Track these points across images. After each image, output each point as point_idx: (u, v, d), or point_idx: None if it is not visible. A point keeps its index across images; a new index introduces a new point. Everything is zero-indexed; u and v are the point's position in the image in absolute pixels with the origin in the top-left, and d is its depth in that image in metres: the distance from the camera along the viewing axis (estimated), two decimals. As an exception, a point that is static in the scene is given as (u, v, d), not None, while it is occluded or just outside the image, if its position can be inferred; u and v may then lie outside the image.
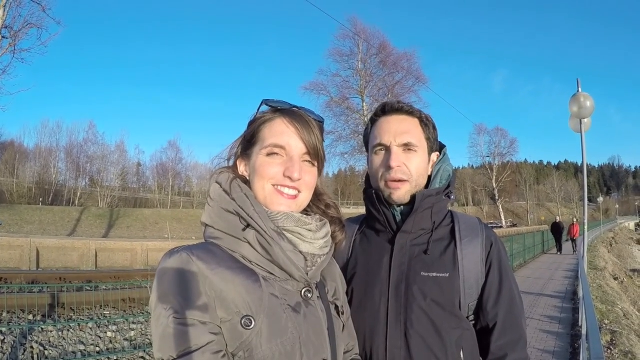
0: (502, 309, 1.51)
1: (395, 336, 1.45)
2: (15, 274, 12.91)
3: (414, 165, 1.54)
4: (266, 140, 1.24)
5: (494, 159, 74.80)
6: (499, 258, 1.56)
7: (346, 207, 73.49)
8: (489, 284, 1.53)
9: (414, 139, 1.54)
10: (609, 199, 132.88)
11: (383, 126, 1.58)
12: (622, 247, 42.01)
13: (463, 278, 1.50)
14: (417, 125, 1.57)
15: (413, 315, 1.45)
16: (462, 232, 1.57)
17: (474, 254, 1.53)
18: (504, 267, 1.56)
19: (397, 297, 1.49)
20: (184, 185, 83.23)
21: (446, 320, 1.46)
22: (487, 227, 1.62)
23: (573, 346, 7.13)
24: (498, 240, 1.60)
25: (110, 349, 7.48)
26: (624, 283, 19.51)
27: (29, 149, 67.95)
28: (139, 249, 19.14)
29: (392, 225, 1.57)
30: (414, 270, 1.51)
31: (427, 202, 1.54)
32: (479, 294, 1.53)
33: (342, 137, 38.86)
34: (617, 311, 10.50)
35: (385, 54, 39.47)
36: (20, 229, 38.66)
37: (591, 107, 9.56)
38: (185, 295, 1.07)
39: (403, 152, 1.54)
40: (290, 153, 1.23)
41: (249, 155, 1.27)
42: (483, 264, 1.54)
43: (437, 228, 1.58)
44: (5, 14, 17.27)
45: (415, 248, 1.54)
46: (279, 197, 1.22)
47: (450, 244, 1.55)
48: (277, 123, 1.25)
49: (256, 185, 1.23)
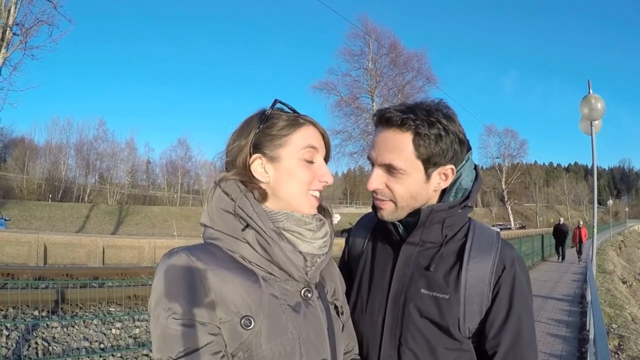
0: (505, 340, 1.34)
1: (388, 350, 1.40)
2: (22, 269, 12.98)
3: (400, 189, 1.38)
4: (302, 143, 1.24)
5: (503, 160, 74.82)
6: (512, 284, 1.38)
7: (354, 207, 73.58)
8: (493, 311, 1.36)
9: (396, 161, 1.34)
10: (619, 202, 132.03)
11: (373, 139, 1.43)
12: (631, 251, 41.76)
13: (464, 301, 1.36)
14: (407, 143, 1.34)
15: (408, 332, 1.37)
16: (473, 251, 1.40)
17: (481, 277, 1.37)
18: (516, 294, 1.37)
19: (395, 310, 1.41)
20: (193, 183, 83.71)
21: (442, 340, 1.36)
22: (504, 246, 1.44)
23: (580, 350, 7.08)
24: (515, 263, 1.41)
25: (115, 346, 7.49)
26: (633, 287, 19.40)
27: (39, 146, 68.74)
28: (147, 246, 19.23)
29: (396, 236, 1.47)
30: (414, 286, 1.40)
31: (435, 216, 1.38)
32: (481, 317, 1.37)
33: (351, 137, 39.12)
34: (625, 315, 10.43)
35: (395, 53, 39.60)
36: (29, 225, 39.05)
37: (602, 109, 9.50)
38: (185, 296, 1.07)
39: (385, 173, 1.38)
40: (320, 158, 1.28)
41: (275, 157, 1.23)
42: (490, 287, 1.37)
43: (447, 242, 1.43)
44: (16, 11, 17.42)
45: (421, 261, 1.42)
46: (313, 201, 1.26)
47: (456, 264, 1.39)
48: (312, 129, 1.27)
49: (292, 188, 1.23)
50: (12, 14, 17.22)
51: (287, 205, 1.22)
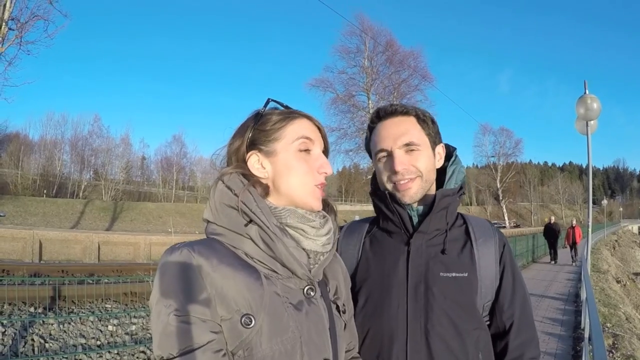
0: (517, 309, 1.54)
1: (416, 339, 1.43)
2: (18, 266, 12.97)
3: (421, 163, 1.53)
4: (296, 134, 1.24)
5: (498, 159, 74.69)
6: (511, 259, 1.59)
7: (350, 205, 73.62)
8: (504, 285, 1.55)
9: (413, 138, 1.53)
10: (613, 202, 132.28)
11: (381, 132, 1.57)
12: (625, 250, 41.95)
13: (480, 278, 1.51)
14: (414, 124, 1.56)
15: (434, 317, 1.44)
16: (476, 232, 1.58)
17: (489, 254, 1.55)
18: (515, 269, 1.59)
19: (417, 299, 1.46)
20: (188, 179, 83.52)
21: (467, 321, 1.46)
22: (497, 228, 1.64)
23: (575, 349, 7.11)
24: (507, 241, 1.63)
25: (111, 342, 7.49)
26: (627, 286, 19.48)
27: (34, 141, 68.17)
28: (142, 243, 19.24)
29: (408, 226, 1.54)
30: (432, 271, 1.49)
31: (444, 201, 1.53)
32: (492, 294, 1.54)
33: (347, 134, 38.91)
34: (619, 314, 10.48)
35: (391, 51, 39.48)
36: (24, 221, 38.79)
37: (598, 109, 9.54)
38: (187, 293, 1.06)
39: (406, 154, 1.53)
40: (318, 149, 1.27)
41: (270, 152, 1.24)
42: (497, 264, 1.55)
43: (450, 229, 1.57)
44: (12, 6, 17.27)
45: (431, 249, 1.53)
46: (317, 193, 1.24)
47: (466, 244, 1.55)
48: (305, 121, 1.27)
49: (293, 182, 1.22)
50: (8, 8, 17.05)
51: (289, 200, 1.22)
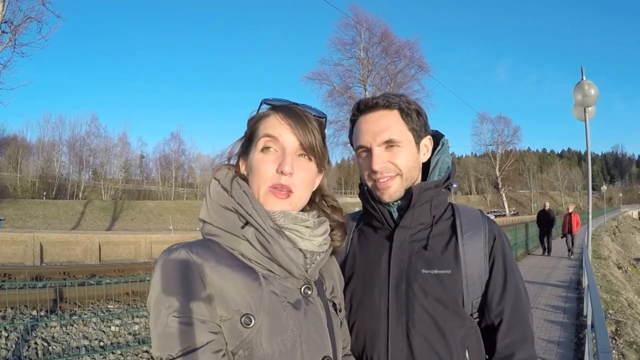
0: (507, 306, 1.46)
1: (397, 337, 1.41)
2: (19, 269, 12.99)
3: (402, 160, 1.48)
4: (260, 134, 1.23)
5: (497, 147, 75.01)
6: (503, 252, 1.50)
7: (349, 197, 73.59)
8: (493, 280, 1.47)
9: (394, 135, 1.47)
10: (613, 188, 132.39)
11: (362, 126, 1.52)
12: (625, 236, 41.94)
13: (465, 274, 1.44)
14: (397, 119, 1.49)
15: (415, 315, 1.40)
16: (464, 225, 1.51)
17: (476, 248, 1.48)
18: (508, 262, 1.50)
19: (398, 295, 1.44)
20: (187, 176, 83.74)
21: (449, 319, 1.41)
22: (489, 219, 1.57)
23: (578, 336, 7.14)
24: (501, 233, 1.55)
25: (115, 343, 7.50)
26: (628, 272, 19.45)
27: (31, 143, 68.41)
28: (143, 242, 19.28)
29: (389, 222, 1.52)
30: (414, 268, 1.45)
31: (425, 195, 1.48)
32: (482, 290, 1.47)
33: (344, 127, 38.89)
34: (621, 300, 10.50)
35: (387, 42, 39.57)
36: (24, 224, 38.85)
37: (595, 95, 9.54)
38: (185, 294, 1.06)
39: (385, 150, 1.48)
40: (283, 146, 1.21)
41: (247, 153, 1.26)
42: (486, 259, 1.48)
43: (437, 222, 1.52)
44: (4, 9, 17.19)
45: (414, 244, 1.49)
46: (273, 198, 1.19)
47: (451, 239, 1.49)
48: (271, 119, 1.24)
49: (253, 185, 1.21)
50: (1, 11, 17.01)
51: None
